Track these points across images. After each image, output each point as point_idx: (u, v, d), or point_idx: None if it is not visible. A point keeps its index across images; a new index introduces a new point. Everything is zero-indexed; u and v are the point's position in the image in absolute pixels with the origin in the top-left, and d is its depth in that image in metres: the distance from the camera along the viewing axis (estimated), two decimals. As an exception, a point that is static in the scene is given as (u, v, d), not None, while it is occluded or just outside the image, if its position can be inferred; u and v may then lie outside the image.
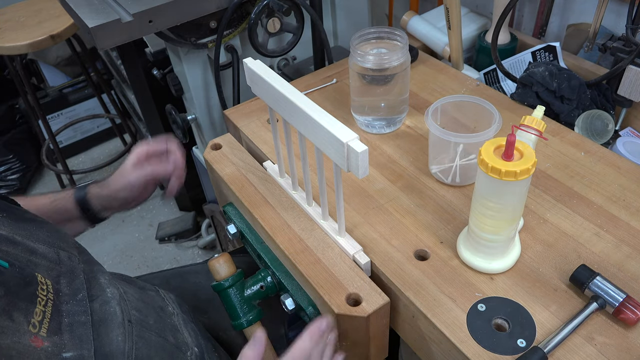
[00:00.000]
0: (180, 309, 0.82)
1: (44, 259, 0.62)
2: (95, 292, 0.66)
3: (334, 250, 0.73)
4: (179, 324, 0.77)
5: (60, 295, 0.61)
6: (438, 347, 0.66)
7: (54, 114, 2.29)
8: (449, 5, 1.00)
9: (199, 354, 0.76)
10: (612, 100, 0.97)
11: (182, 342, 0.75)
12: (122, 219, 2.13)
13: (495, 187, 0.60)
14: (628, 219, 0.73)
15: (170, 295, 0.84)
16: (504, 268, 0.68)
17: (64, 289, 0.62)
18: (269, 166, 0.87)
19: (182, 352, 0.73)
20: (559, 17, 1.16)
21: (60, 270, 0.63)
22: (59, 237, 0.69)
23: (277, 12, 1.07)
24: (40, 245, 0.63)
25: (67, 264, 0.65)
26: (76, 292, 0.63)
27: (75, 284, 0.64)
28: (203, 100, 1.25)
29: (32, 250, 0.62)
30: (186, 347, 0.74)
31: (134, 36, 0.97)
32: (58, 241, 0.67)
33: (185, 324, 0.78)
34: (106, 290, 0.68)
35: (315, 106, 0.64)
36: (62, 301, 0.60)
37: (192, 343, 0.76)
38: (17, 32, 1.63)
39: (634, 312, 0.60)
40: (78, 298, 0.63)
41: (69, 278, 0.64)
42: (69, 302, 0.61)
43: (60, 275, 0.63)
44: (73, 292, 0.63)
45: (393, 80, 0.86)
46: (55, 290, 0.60)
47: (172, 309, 0.80)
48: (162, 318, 0.75)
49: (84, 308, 0.62)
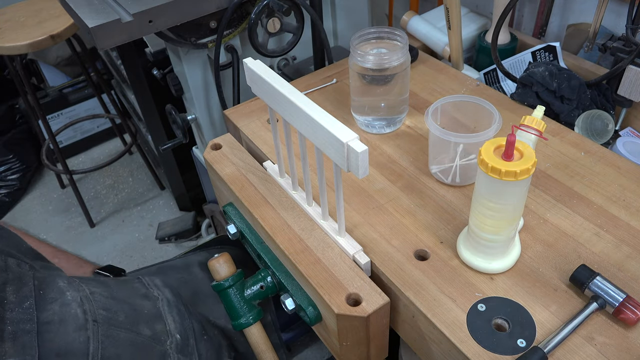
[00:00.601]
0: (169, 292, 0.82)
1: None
2: (53, 295, 0.67)
3: (334, 250, 0.73)
4: (163, 310, 0.78)
5: (5, 302, 0.62)
6: (438, 347, 0.66)
7: (54, 114, 2.29)
8: (449, 5, 1.00)
9: (181, 341, 0.76)
10: (612, 100, 0.97)
11: (162, 331, 0.75)
12: (122, 219, 2.13)
13: (495, 187, 0.60)
14: (628, 219, 0.73)
15: (155, 281, 0.84)
16: (504, 268, 0.68)
17: (10, 297, 0.63)
18: (269, 166, 0.87)
19: (159, 342, 0.73)
20: (559, 17, 1.16)
21: (6, 277, 0.64)
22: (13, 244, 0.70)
23: (277, 12, 1.07)
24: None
25: (15, 271, 0.66)
26: (23, 300, 0.64)
27: (22, 291, 0.65)
28: (203, 100, 1.25)
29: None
30: (166, 336, 0.75)
31: (134, 36, 0.97)
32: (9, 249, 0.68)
33: (170, 309, 0.79)
34: (66, 293, 0.69)
35: (315, 106, 0.64)
36: (7, 309, 0.61)
37: (175, 330, 0.77)
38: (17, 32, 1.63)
39: (634, 312, 0.60)
40: (24, 306, 0.64)
41: (15, 285, 0.64)
42: (14, 310, 0.62)
43: (6, 283, 0.64)
44: (19, 300, 0.64)
45: (393, 80, 0.86)
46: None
47: (157, 293, 0.80)
48: (137, 311, 0.75)
49: (30, 316, 0.63)
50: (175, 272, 1.00)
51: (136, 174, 2.34)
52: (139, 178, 2.32)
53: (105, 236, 2.07)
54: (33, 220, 2.18)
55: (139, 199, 2.22)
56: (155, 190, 2.25)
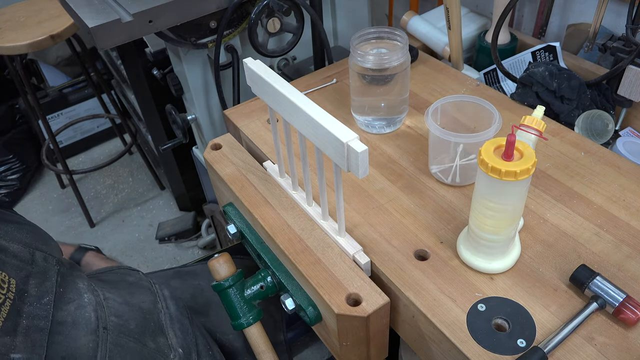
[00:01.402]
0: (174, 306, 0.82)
1: (14, 257, 0.63)
2: (72, 295, 0.67)
3: (334, 250, 0.73)
4: (165, 324, 0.77)
5: (25, 296, 0.61)
6: (438, 347, 0.66)
7: (54, 114, 2.29)
8: (449, 5, 1.00)
9: (184, 355, 0.76)
10: (612, 100, 0.97)
11: (164, 344, 0.74)
12: (122, 219, 2.13)
13: (495, 187, 0.60)
14: (628, 219, 0.73)
15: (164, 292, 0.84)
16: (504, 268, 0.68)
17: (31, 290, 0.62)
18: (269, 166, 0.87)
19: (163, 355, 0.73)
20: (559, 17, 1.16)
21: (30, 270, 0.64)
22: (41, 240, 0.69)
23: (277, 12, 1.07)
24: (13, 245, 0.64)
25: (41, 265, 0.66)
26: (42, 295, 0.63)
27: (44, 286, 0.64)
28: (203, 100, 1.26)
29: (1, 248, 0.62)
30: (169, 349, 0.74)
31: (134, 36, 0.97)
32: (37, 243, 0.68)
33: (172, 324, 0.78)
34: (83, 295, 0.68)
35: (315, 106, 0.64)
36: (25, 302, 0.61)
37: (177, 344, 0.76)
38: (17, 32, 1.63)
39: (634, 312, 0.60)
40: (43, 302, 0.63)
41: (39, 279, 0.64)
42: (32, 304, 0.61)
43: (30, 276, 0.63)
44: (40, 294, 0.63)
45: (393, 80, 0.86)
46: (19, 290, 0.60)
47: (162, 306, 0.80)
48: (146, 320, 0.75)
49: (46, 313, 0.62)
50: (192, 279, 0.99)
51: (136, 174, 2.34)
52: (139, 178, 2.32)
53: (105, 236, 2.07)
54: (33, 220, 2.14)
55: (139, 199, 2.22)
56: (155, 190, 2.25)
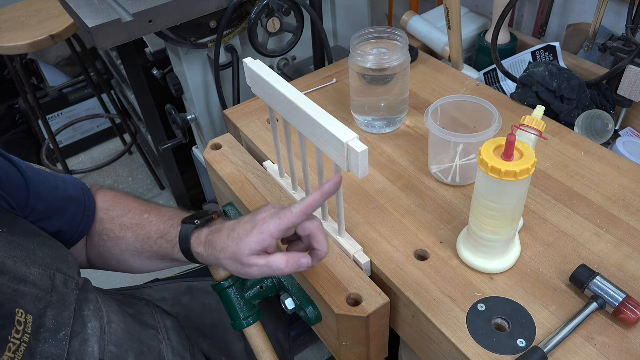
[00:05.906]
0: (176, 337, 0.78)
1: (34, 287, 0.58)
2: (77, 327, 0.62)
3: (334, 250, 0.73)
4: (167, 355, 0.74)
5: (41, 332, 0.57)
6: (438, 347, 0.66)
7: (54, 114, 2.28)
8: (449, 5, 1.00)
9: None
10: (612, 100, 0.97)
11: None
12: (122, 219, 2.13)
13: (495, 187, 0.60)
14: (628, 219, 0.73)
15: (166, 322, 0.80)
16: (504, 268, 0.68)
17: (48, 324, 0.58)
18: (269, 166, 0.87)
19: None
20: (559, 17, 1.16)
21: (49, 300, 0.59)
22: (60, 257, 0.64)
23: (277, 12, 1.07)
24: (34, 269, 0.58)
25: (61, 291, 0.61)
26: (59, 329, 0.59)
27: (62, 317, 0.60)
28: (203, 100, 1.26)
29: (21, 278, 0.57)
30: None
31: (134, 36, 0.97)
32: (58, 262, 0.63)
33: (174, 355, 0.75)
34: (87, 325, 0.63)
35: (315, 106, 0.64)
36: (41, 340, 0.57)
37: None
38: (17, 32, 1.63)
39: (634, 312, 0.60)
40: (59, 337, 0.59)
41: (57, 310, 0.59)
42: (48, 342, 0.57)
43: (48, 307, 0.58)
44: (57, 327, 0.59)
45: (393, 80, 0.86)
46: (35, 327, 0.56)
47: (162, 337, 0.76)
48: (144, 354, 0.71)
49: (61, 351, 0.58)
50: (203, 297, 0.94)
51: (136, 174, 2.34)
52: (139, 178, 2.32)
53: (105, 236, 2.07)
54: (33, 220, 2.18)
55: (139, 199, 2.22)
56: (155, 190, 2.25)
